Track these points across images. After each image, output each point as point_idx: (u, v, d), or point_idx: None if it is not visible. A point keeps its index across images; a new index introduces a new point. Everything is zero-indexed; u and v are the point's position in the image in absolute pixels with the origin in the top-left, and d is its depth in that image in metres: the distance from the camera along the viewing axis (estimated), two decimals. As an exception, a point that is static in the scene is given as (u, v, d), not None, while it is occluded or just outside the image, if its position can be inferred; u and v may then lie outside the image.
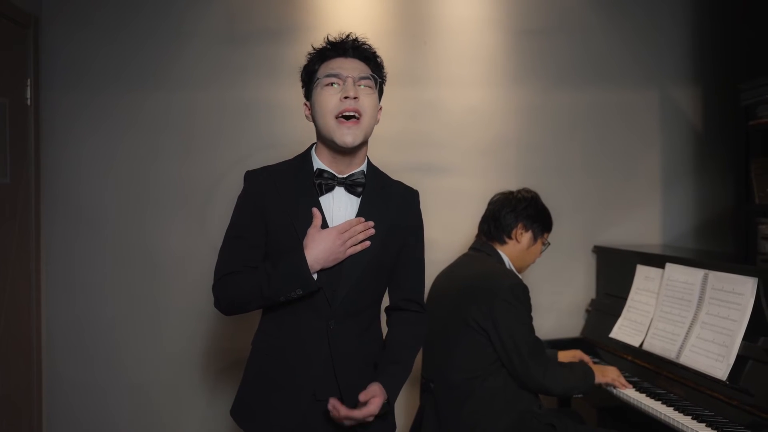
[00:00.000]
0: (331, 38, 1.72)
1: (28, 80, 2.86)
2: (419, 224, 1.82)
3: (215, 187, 2.97)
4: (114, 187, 2.96)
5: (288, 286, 1.61)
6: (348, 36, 1.71)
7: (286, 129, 2.95)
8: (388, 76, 1.80)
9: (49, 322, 2.95)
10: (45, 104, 2.94)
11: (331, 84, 1.66)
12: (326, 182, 1.69)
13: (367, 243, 1.66)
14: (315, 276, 1.63)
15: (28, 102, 2.87)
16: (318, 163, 1.72)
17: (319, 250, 1.61)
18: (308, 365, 1.66)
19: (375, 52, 1.74)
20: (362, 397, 1.59)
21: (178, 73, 2.96)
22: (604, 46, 3.11)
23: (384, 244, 1.70)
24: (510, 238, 2.38)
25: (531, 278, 2.88)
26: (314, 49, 1.74)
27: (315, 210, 1.65)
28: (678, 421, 2.08)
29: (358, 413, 1.57)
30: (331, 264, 1.63)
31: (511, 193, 2.44)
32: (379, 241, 1.68)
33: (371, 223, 1.67)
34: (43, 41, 2.93)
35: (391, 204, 1.74)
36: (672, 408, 2.17)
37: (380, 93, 1.76)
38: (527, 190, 2.46)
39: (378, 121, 1.74)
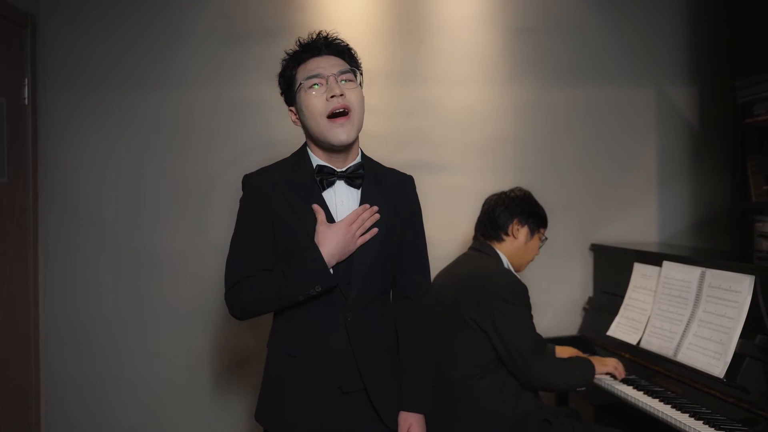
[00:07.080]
0: (302, 40, 1.72)
1: (26, 79, 2.86)
2: (417, 208, 1.84)
3: (212, 185, 2.98)
4: (111, 186, 2.96)
5: (306, 284, 1.62)
6: (319, 34, 1.72)
7: (282, 128, 2.92)
8: (384, 74, 1.82)
9: (47, 320, 2.95)
10: (42, 103, 2.93)
11: (314, 85, 1.66)
12: (327, 178, 1.70)
13: (375, 230, 1.67)
14: (331, 271, 1.65)
15: (26, 101, 2.86)
16: (316, 159, 1.73)
17: (332, 245, 1.62)
18: (330, 360, 1.67)
19: (348, 45, 1.75)
20: None
21: (175, 72, 2.96)
22: (600, 44, 3.11)
23: (388, 230, 1.71)
24: (507, 234, 2.39)
25: (528, 276, 2.88)
26: (287, 54, 1.74)
27: (316, 206, 1.66)
28: (675, 419, 2.09)
29: None
30: (345, 257, 1.65)
31: (503, 192, 2.46)
32: (384, 229, 1.70)
33: (375, 208, 1.69)
34: (40, 40, 2.92)
35: (389, 191, 1.76)
36: (669, 405, 2.18)
37: (360, 84, 1.77)
38: (519, 189, 2.47)
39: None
